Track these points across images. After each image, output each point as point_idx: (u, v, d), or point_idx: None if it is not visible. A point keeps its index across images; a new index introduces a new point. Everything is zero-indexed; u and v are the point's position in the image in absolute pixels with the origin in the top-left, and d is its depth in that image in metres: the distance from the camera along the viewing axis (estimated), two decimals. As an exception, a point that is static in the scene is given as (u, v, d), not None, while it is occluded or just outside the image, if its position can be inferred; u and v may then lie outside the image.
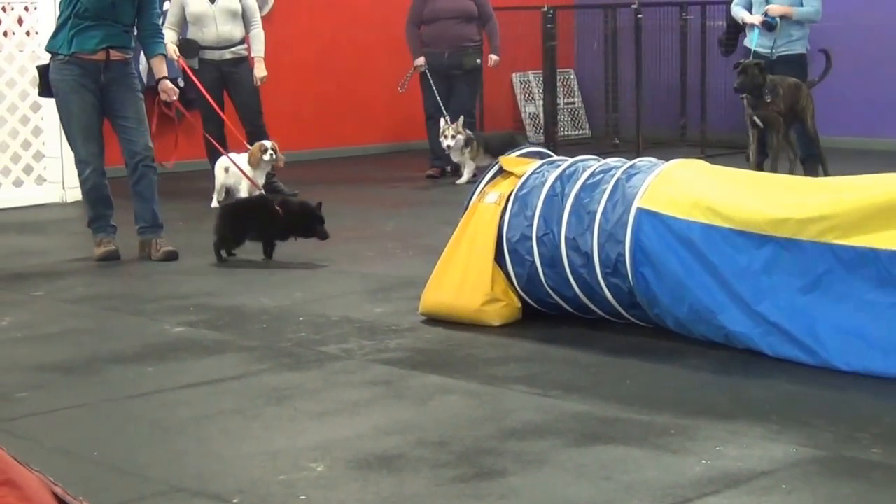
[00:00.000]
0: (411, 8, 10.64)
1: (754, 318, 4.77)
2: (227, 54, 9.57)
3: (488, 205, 5.51)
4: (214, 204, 9.11)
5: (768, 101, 9.11)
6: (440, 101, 10.46)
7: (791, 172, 9.28)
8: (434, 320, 5.54)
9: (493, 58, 10.74)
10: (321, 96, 12.23)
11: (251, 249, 7.25)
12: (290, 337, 5.39)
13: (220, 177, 9.04)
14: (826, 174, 9.19)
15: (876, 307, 4.55)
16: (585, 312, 5.37)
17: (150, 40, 7.31)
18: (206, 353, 5.17)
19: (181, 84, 8.88)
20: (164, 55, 7.52)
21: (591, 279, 5.18)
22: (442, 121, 10.26)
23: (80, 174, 7.25)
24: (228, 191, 9.07)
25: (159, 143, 7.56)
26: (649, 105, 12.15)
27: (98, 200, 7.22)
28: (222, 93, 9.56)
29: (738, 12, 9.91)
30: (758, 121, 9.27)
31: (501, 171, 5.64)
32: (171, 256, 7.16)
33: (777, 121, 9.21)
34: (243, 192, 8.74)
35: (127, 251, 7.25)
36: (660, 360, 4.87)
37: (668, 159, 5.35)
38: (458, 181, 10.23)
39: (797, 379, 4.54)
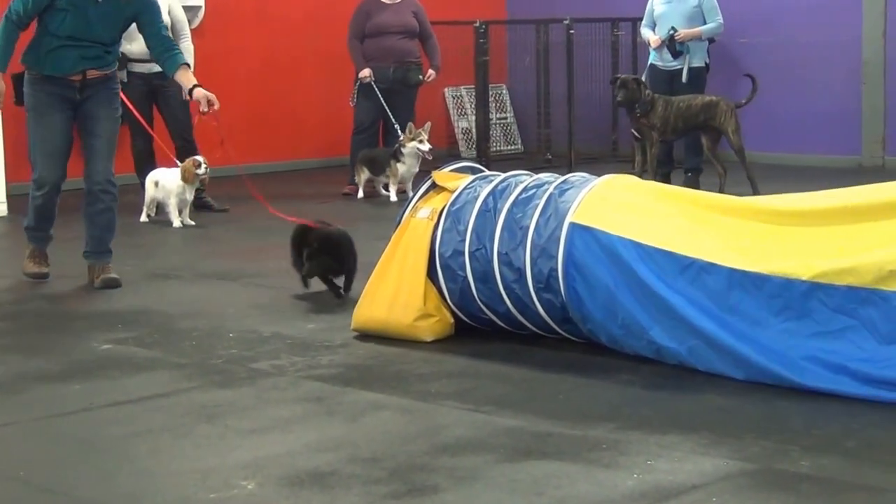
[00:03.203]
0: (353, 22, 10.54)
1: (683, 334, 4.80)
2: (156, 67, 9.39)
3: (420, 220, 5.50)
4: (144, 218, 9.03)
5: (638, 114, 9.44)
6: (387, 113, 10.34)
7: (721, 188, 9.41)
8: (366, 336, 5.52)
9: (432, 73, 10.70)
10: (252, 111, 12.14)
11: (180, 267, 7.18)
12: (221, 353, 5.34)
13: (150, 191, 8.97)
14: (755, 191, 9.29)
15: (767, 327, 4.68)
16: (518, 328, 5.38)
17: (166, 55, 6.91)
18: (135, 371, 5.11)
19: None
20: (188, 65, 7.08)
21: (523, 294, 5.18)
22: (410, 125, 10.01)
23: (34, 188, 6.88)
24: (159, 205, 9.00)
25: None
26: (581, 120, 12.22)
27: (43, 216, 6.93)
28: (151, 107, 9.45)
29: (645, 34, 10.46)
30: (635, 133, 9.63)
31: (434, 186, 5.64)
32: (111, 284, 6.79)
33: (648, 134, 9.59)
34: (172, 208, 8.68)
35: (56, 266, 7.12)
36: (592, 376, 4.89)
37: (600, 174, 5.37)
38: (392, 199, 10.01)
39: (728, 393, 4.58)
